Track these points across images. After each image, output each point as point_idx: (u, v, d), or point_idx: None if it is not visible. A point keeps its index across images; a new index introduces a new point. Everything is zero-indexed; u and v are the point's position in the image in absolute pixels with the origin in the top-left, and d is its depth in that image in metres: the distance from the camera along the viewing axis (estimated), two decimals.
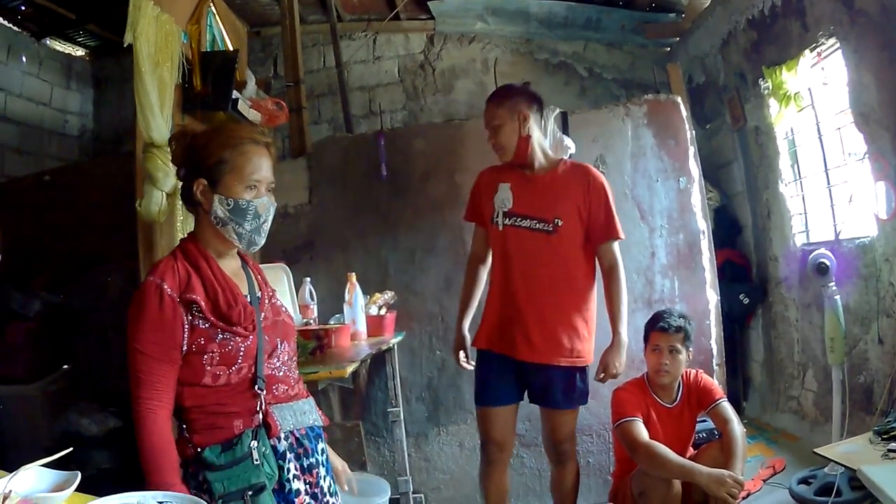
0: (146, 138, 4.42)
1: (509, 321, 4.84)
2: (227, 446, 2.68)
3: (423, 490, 6.42)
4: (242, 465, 2.66)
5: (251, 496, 2.62)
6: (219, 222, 2.82)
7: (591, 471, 6.29)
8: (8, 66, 7.91)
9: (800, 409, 6.79)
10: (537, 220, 4.79)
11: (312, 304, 5.50)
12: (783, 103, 6.49)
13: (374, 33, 9.44)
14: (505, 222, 4.85)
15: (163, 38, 4.58)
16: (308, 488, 2.89)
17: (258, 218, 2.83)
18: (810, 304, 6.55)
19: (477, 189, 5.16)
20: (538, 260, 4.79)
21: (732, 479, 4.49)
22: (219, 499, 2.59)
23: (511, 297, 4.84)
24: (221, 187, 2.80)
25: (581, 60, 9.34)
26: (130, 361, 2.64)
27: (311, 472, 2.93)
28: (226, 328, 2.72)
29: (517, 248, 4.84)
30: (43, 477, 2.42)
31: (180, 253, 2.86)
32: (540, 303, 4.78)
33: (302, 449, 2.92)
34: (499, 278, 4.96)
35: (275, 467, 2.75)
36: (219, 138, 2.87)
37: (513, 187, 4.90)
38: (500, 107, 4.93)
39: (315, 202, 6.61)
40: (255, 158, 2.83)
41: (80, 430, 6.01)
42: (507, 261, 4.88)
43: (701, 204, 6.42)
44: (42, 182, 7.08)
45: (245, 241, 2.84)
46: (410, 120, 9.34)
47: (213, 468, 2.64)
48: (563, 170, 4.94)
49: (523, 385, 4.96)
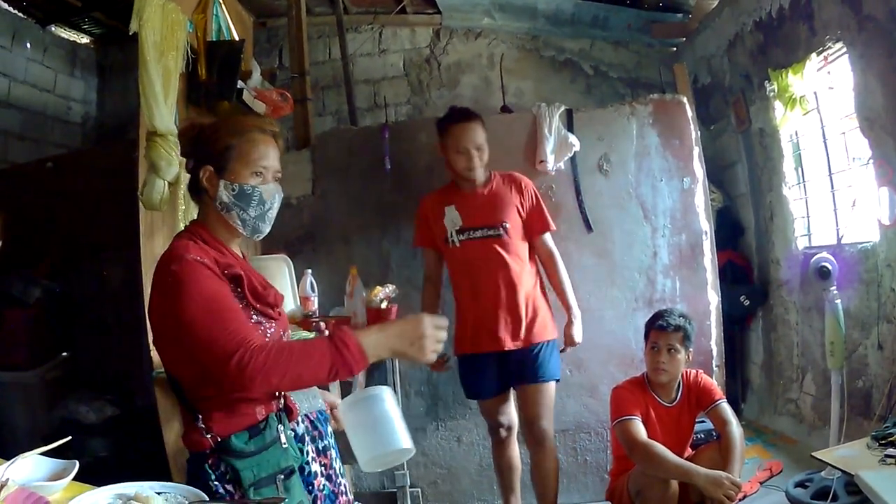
0: (149, 127, 4.40)
1: (485, 321, 5.32)
2: (255, 432, 2.66)
3: (420, 484, 6.41)
4: (271, 450, 2.66)
5: (283, 480, 2.63)
6: (223, 208, 2.81)
7: (588, 469, 6.30)
8: (12, 52, 7.89)
9: (798, 413, 6.79)
10: (487, 227, 5.33)
11: (313, 296, 5.50)
12: (788, 106, 6.49)
13: (380, 26, 9.43)
14: (460, 238, 5.38)
15: (168, 27, 4.57)
16: (323, 470, 2.95)
17: (263, 204, 2.82)
18: (811, 308, 6.55)
19: (424, 216, 5.62)
20: (497, 261, 5.30)
21: (730, 480, 4.51)
22: (249, 486, 2.56)
23: (481, 300, 5.33)
24: (227, 173, 2.79)
25: (587, 58, 9.33)
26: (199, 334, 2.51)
27: (326, 454, 2.99)
28: (262, 309, 2.74)
29: (477, 256, 5.34)
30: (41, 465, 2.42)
31: (196, 237, 2.80)
32: (508, 297, 5.27)
33: (317, 432, 2.98)
34: (466, 287, 5.45)
35: (297, 451, 2.79)
36: (226, 126, 2.90)
37: (458, 207, 5.41)
38: (482, 126, 5.38)
39: (318, 194, 6.59)
40: (261, 146, 2.84)
41: (78, 418, 6.02)
42: (470, 270, 5.39)
43: (704, 205, 6.41)
44: (44, 169, 7.06)
45: (249, 227, 2.83)
46: (415, 114, 9.32)
47: (242, 455, 2.61)
48: (497, 181, 5.49)
49: (505, 375, 5.39)
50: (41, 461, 2.42)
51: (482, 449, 6.25)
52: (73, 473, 2.33)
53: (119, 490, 2.16)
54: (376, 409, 2.90)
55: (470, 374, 5.51)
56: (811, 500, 5.23)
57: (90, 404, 6.11)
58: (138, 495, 2.12)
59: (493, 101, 8.95)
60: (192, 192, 2.95)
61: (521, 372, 5.33)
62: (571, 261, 5.88)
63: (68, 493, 2.22)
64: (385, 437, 2.86)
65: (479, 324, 5.34)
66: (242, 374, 2.43)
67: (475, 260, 5.33)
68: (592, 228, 6.30)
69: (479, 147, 5.29)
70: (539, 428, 5.33)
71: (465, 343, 5.42)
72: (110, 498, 2.13)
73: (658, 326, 5.08)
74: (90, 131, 9.21)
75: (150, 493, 2.15)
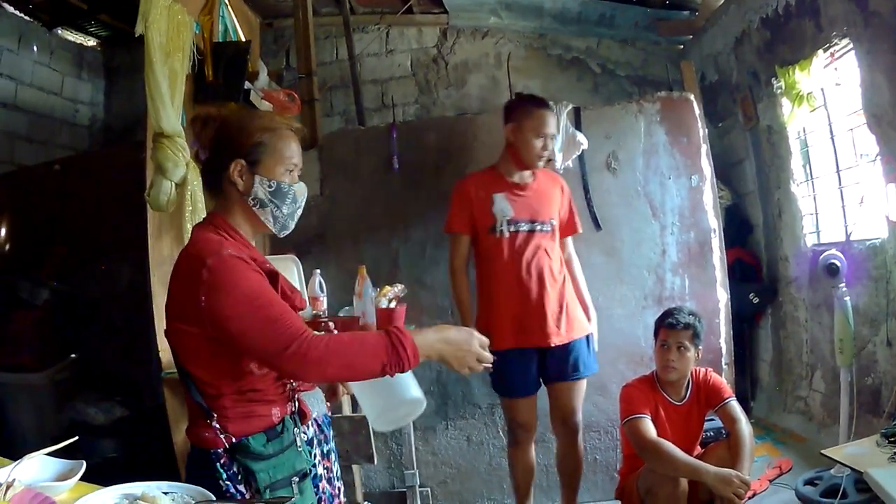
0: (156, 128, 4.40)
1: (528, 316, 5.31)
2: (273, 435, 2.68)
3: (429, 484, 6.41)
4: (289, 452, 2.68)
5: (297, 482, 2.64)
6: (257, 203, 2.78)
7: (597, 468, 6.30)
8: (18, 55, 7.90)
9: (807, 410, 6.79)
10: (538, 222, 5.40)
11: (322, 296, 5.49)
12: (796, 103, 6.49)
13: (386, 26, 9.41)
14: (510, 229, 5.35)
15: (174, 29, 4.56)
16: (325, 473, 2.94)
17: (295, 202, 2.84)
18: (820, 305, 6.56)
19: (466, 201, 5.50)
20: (543, 256, 5.37)
21: (739, 478, 4.50)
22: (265, 489, 2.57)
23: (525, 294, 5.30)
24: (261, 168, 2.77)
25: (594, 56, 9.31)
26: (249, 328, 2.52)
27: (329, 457, 2.99)
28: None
29: (524, 249, 5.34)
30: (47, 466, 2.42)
31: (221, 230, 2.77)
32: (553, 292, 5.34)
33: (323, 435, 2.98)
34: (510, 280, 5.35)
35: (308, 454, 2.80)
36: (256, 121, 2.88)
37: (507, 197, 5.40)
38: (553, 118, 5.44)
39: (326, 194, 6.59)
40: (294, 144, 2.85)
41: (86, 419, 6.04)
42: (517, 262, 5.33)
43: (713, 202, 6.40)
44: (52, 171, 7.08)
45: (280, 224, 2.83)
46: (423, 114, 9.32)
47: (260, 458, 2.61)
48: (542, 178, 5.58)
49: (541, 372, 5.44)
50: (48, 461, 2.41)
51: (492, 448, 6.26)
52: (79, 474, 2.32)
53: (126, 490, 2.16)
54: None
55: (509, 370, 5.31)
56: (821, 499, 5.24)
57: (99, 405, 6.12)
58: (145, 495, 2.12)
59: (501, 100, 8.78)
60: (210, 186, 2.93)
61: (560, 369, 5.39)
62: (581, 259, 5.87)
63: (75, 494, 2.21)
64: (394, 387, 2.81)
65: (524, 318, 5.33)
66: (301, 364, 2.48)
67: (523, 253, 5.34)
68: (601, 226, 6.30)
69: (550, 137, 5.37)
70: (574, 422, 5.48)
71: (506, 338, 5.28)
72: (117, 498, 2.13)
73: (667, 324, 5.08)
74: (97, 133, 9.23)
75: (156, 493, 2.14)
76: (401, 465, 6.32)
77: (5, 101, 7.68)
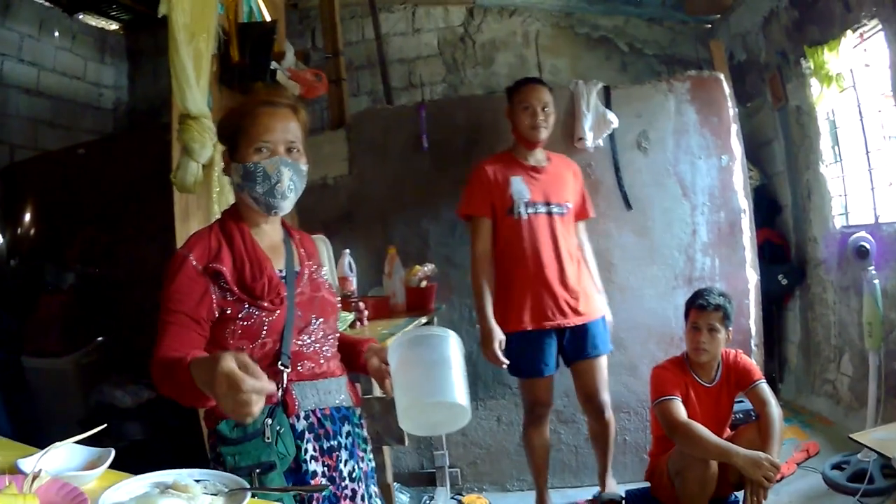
0: (182, 109, 4.36)
1: (545, 298, 5.38)
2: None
3: (459, 464, 6.44)
4: (253, 441, 2.63)
5: (258, 474, 2.58)
6: (238, 189, 2.85)
7: (627, 449, 6.29)
8: (40, 41, 7.95)
9: (835, 394, 6.78)
10: (554, 205, 5.46)
11: (352, 276, 5.48)
12: (825, 83, 6.46)
13: (413, 6, 9.43)
14: (528, 211, 5.41)
15: (199, 9, 4.52)
16: (326, 471, 2.82)
17: (269, 179, 2.77)
18: (848, 287, 6.53)
19: (486, 183, 5.50)
20: (559, 238, 5.43)
21: (769, 461, 4.52)
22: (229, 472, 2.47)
23: (543, 276, 5.38)
24: (237, 155, 2.81)
25: (622, 35, 9.29)
26: (158, 329, 2.59)
27: (331, 454, 2.85)
28: (250, 301, 2.70)
29: (541, 231, 5.41)
30: (75, 454, 2.38)
31: (217, 225, 2.88)
32: (569, 273, 5.42)
33: (323, 430, 2.85)
34: (527, 262, 5.41)
35: (291, 447, 2.71)
36: (236, 109, 2.92)
37: (524, 179, 5.47)
38: (550, 94, 5.56)
39: (355, 173, 6.58)
40: (264, 120, 2.81)
41: (113, 402, 6.04)
42: (533, 244, 5.40)
43: (743, 182, 6.37)
44: (76, 155, 7.08)
45: (262, 204, 2.82)
46: (450, 93, 9.34)
47: (226, 442, 2.62)
48: (556, 161, 5.68)
49: (560, 353, 5.51)
50: (76, 449, 2.37)
51: (522, 429, 6.25)
52: (107, 462, 2.28)
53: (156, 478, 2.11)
54: (433, 350, 2.64)
55: (528, 351, 5.43)
56: (847, 483, 5.26)
57: (126, 388, 6.12)
58: (177, 483, 2.06)
59: None
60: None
61: (578, 348, 5.46)
62: (611, 239, 5.98)
63: (104, 482, 2.15)
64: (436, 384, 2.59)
65: (541, 299, 5.38)
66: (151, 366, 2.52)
67: (539, 234, 5.39)
68: (632, 206, 6.28)
69: (545, 106, 5.44)
70: (600, 400, 5.53)
71: (521, 320, 5.40)
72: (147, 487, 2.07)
73: (698, 306, 5.09)
74: (122, 117, 9.29)
75: (188, 481, 2.08)
76: (430, 446, 6.33)
77: (28, 87, 7.75)
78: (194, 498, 2.01)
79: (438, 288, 5.80)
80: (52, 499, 1.98)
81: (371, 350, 3.03)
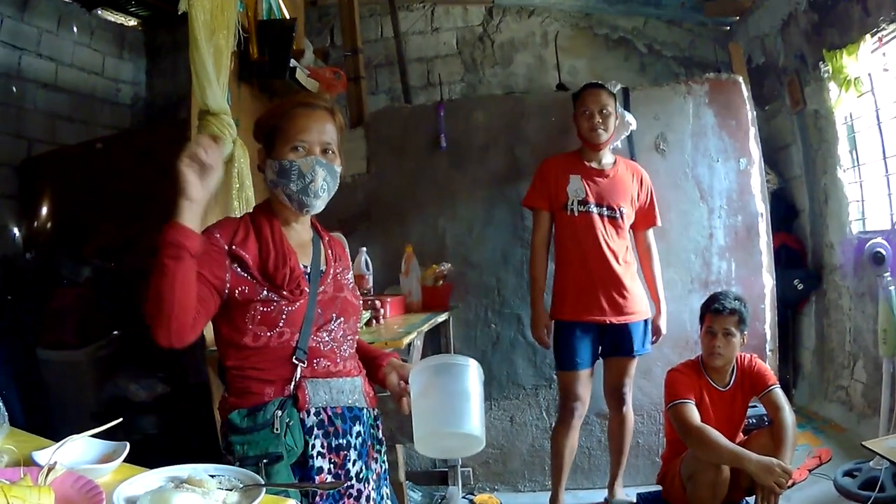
0: (201, 105, 4.38)
1: (588, 293, 5.56)
2: (252, 412, 2.69)
3: (471, 464, 6.44)
4: (262, 432, 2.65)
5: (265, 464, 2.59)
6: (272, 185, 2.89)
7: (639, 452, 6.29)
8: (58, 36, 7.98)
9: (848, 400, 6.76)
10: (606, 207, 5.58)
11: (368, 274, 5.51)
12: (843, 88, 6.43)
13: (432, 4, 9.43)
14: (580, 209, 5.57)
15: (218, 6, 4.53)
16: (332, 468, 2.83)
17: (303, 178, 2.82)
18: (864, 294, 6.51)
19: (547, 177, 5.74)
20: (608, 239, 5.55)
21: (781, 467, 4.53)
22: (237, 461, 2.58)
23: (587, 272, 5.55)
24: (273, 152, 2.86)
25: (641, 37, 9.29)
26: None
27: (339, 453, 2.85)
28: (270, 287, 2.75)
29: (591, 229, 5.55)
30: (90, 447, 2.38)
31: (248, 216, 2.94)
32: (614, 273, 5.52)
33: (332, 428, 2.85)
34: (575, 256, 5.61)
35: (300, 441, 2.73)
36: (274, 109, 2.97)
37: (583, 178, 5.62)
38: (610, 98, 5.68)
39: (373, 172, 6.60)
40: (302, 120, 2.86)
41: (128, 396, 6.06)
42: (582, 241, 5.57)
43: (760, 186, 6.36)
44: (94, 150, 7.10)
45: (295, 202, 2.86)
46: (469, 92, 9.34)
47: (237, 431, 2.65)
48: (621, 167, 5.74)
49: (599, 347, 5.71)
50: (90, 442, 2.37)
51: (535, 430, 6.26)
52: (123, 456, 2.28)
53: (171, 473, 2.11)
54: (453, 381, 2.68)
55: (570, 342, 5.62)
56: (858, 491, 5.23)
57: (140, 382, 6.15)
58: (191, 478, 2.06)
59: (548, 80, 8.96)
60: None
61: (618, 345, 5.64)
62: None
63: (119, 476, 2.17)
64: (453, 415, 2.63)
65: (582, 293, 5.58)
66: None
67: (588, 233, 5.54)
68: None
69: (603, 109, 5.56)
70: (623, 393, 5.74)
71: (565, 309, 5.66)
72: (162, 481, 2.07)
73: (714, 310, 5.10)
74: (139, 112, 9.32)
75: (203, 476, 2.08)
76: None
77: (46, 82, 7.77)
78: (209, 493, 2.02)
79: (455, 287, 5.82)
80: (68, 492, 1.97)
81: (391, 365, 3.07)
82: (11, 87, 7.37)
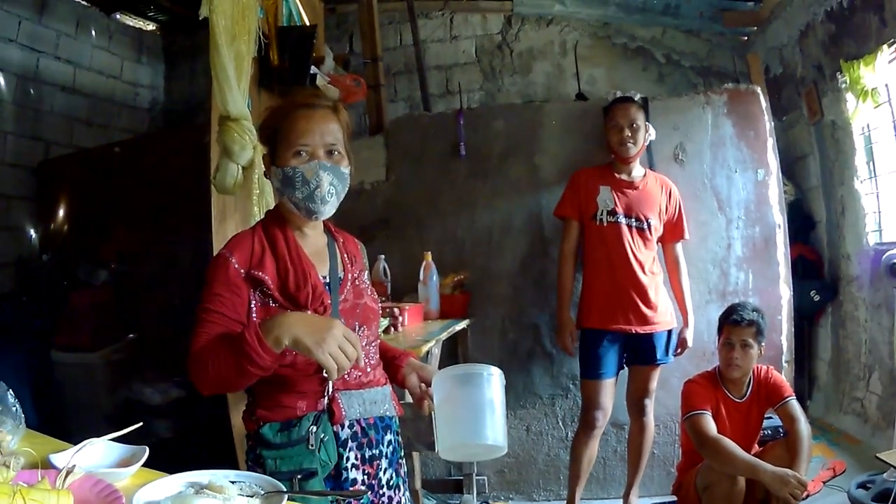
0: (222, 111, 4.38)
1: (616, 301, 5.66)
2: (286, 427, 2.64)
3: (486, 472, 6.45)
4: (297, 448, 2.61)
5: (300, 480, 2.56)
6: (278, 193, 2.82)
7: (655, 462, 6.29)
8: (77, 39, 8.02)
9: (863, 412, 6.72)
10: (634, 218, 5.70)
11: (386, 282, 5.52)
12: (860, 98, 6.41)
13: (451, 13, 9.44)
14: (609, 219, 5.70)
15: (239, 12, 4.54)
16: (366, 479, 2.80)
17: (308, 184, 2.72)
18: (881, 305, 6.46)
19: (577, 187, 5.88)
20: (634, 249, 5.66)
21: (796, 479, 4.52)
22: (268, 475, 2.45)
23: (613, 281, 5.66)
24: (276, 158, 2.77)
25: (659, 46, 9.27)
26: (196, 326, 2.58)
27: (372, 463, 2.83)
28: (294, 309, 2.66)
29: (618, 240, 5.67)
30: (109, 451, 2.38)
31: (260, 227, 2.84)
32: (640, 283, 5.62)
33: (366, 439, 2.83)
34: (602, 265, 5.74)
35: (333, 455, 2.69)
36: (274, 111, 2.88)
37: (613, 189, 5.74)
38: (640, 111, 5.79)
39: (392, 179, 6.62)
40: (302, 123, 2.76)
41: (142, 399, 6.07)
42: (609, 251, 5.69)
43: (778, 197, 6.36)
44: (111, 153, 7.12)
45: (303, 210, 2.77)
46: (488, 100, 9.32)
47: (269, 446, 2.61)
48: (650, 179, 5.86)
49: (625, 355, 5.81)
50: (109, 446, 2.37)
51: (550, 439, 6.26)
52: (142, 460, 2.26)
53: (191, 478, 2.10)
54: (478, 391, 2.67)
55: (597, 351, 5.71)
56: (872, 502, 5.20)
57: (156, 386, 6.17)
58: (212, 484, 2.05)
59: (567, 89, 8.97)
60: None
61: (643, 354, 5.74)
62: None
63: (137, 480, 2.16)
64: (478, 426, 2.65)
65: (608, 302, 5.68)
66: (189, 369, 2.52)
67: (616, 243, 5.66)
68: None
69: (632, 123, 5.67)
70: (645, 402, 5.85)
71: (592, 317, 5.77)
72: (182, 486, 2.06)
73: (732, 321, 5.11)
74: (157, 116, 9.36)
75: (224, 482, 2.07)
76: None
77: (64, 85, 7.80)
78: (230, 499, 2.01)
79: (473, 296, 5.81)
80: (86, 495, 1.98)
81: (410, 366, 3.04)
82: (29, 89, 7.40)
